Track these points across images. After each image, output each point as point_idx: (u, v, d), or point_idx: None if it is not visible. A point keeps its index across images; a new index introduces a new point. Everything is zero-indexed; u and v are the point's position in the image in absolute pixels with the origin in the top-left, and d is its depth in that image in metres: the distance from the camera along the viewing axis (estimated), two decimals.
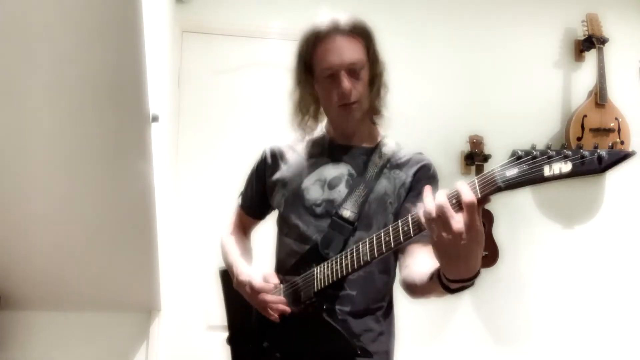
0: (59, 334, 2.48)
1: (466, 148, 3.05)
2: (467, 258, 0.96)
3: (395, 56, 3.14)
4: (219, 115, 2.92)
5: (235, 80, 2.94)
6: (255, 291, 1.34)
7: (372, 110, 1.44)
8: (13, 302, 2.36)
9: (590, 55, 3.24)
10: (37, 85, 1.46)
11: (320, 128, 1.50)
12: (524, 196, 3.16)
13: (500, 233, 3.05)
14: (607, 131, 3.09)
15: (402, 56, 3.14)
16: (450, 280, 1.02)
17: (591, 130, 3.09)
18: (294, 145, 1.50)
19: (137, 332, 2.56)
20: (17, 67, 1.40)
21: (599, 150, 0.90)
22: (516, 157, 0.94)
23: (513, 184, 0.94)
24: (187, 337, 2.73)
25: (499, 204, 3.07)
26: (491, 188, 0.96)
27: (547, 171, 0.91)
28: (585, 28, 3.20)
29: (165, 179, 2.57)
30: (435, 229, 0.96)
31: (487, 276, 3.06)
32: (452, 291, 1.05)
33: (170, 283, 2.70)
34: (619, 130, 3.11)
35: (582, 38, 3.23)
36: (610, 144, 0.89)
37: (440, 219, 0.95)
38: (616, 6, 3.33)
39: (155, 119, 1.73)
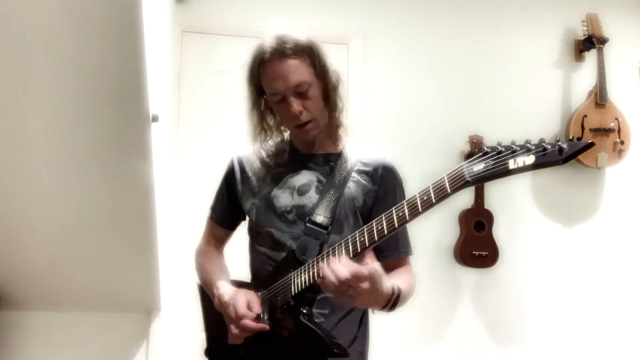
0: (59, 334, 2.47)
1: (466, 148, 3.05)
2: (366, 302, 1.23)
3: (395, 57, 3.17)
4: (219, 115, 2.92)
5: (235, 80, 2.91)
6: (238, 317, 1.32)
7: (332, 123, 1.45)
8: (13, 302, 2.36)
9: (590, 55, 3.24)
10: (37, 86, 1.46)
11: (286, 136, 1.52)
12: (524, 196, 3.16)
13: (500, 233, 3.05)
14: (607, 131, 3.09)
15: (402, 57, 3.15)
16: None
17: (591, 130, 3.09)
18: (260, 154, 1.51)
19: (137, 332, 2.55)
20: (17, 68, 1.40)
21: (559, 143, 0.97)
22: (483, 153, 1.02)
23: (480, 178, 1.02)
24: (187, 337, 2.73)
25: (499, 204, 3.07)
26: (460, 183, 1.04)
27: (511, 164, 0.99)
28: (585, 28, 3.20)
29: (165, 179, 2.56)
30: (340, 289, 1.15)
31: (486, 276, 3.07)
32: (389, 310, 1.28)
33: (170, 283, 2.70)
34: (619, 130, 3.11)
35: (582, 38, 3.23)
36: (571, 137, 1.00)
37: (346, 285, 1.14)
38: (616, 6, 3.33)
39: (155, 119, 1.73)
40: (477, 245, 3.00)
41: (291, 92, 1.35)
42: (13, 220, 1.93)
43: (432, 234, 3.03)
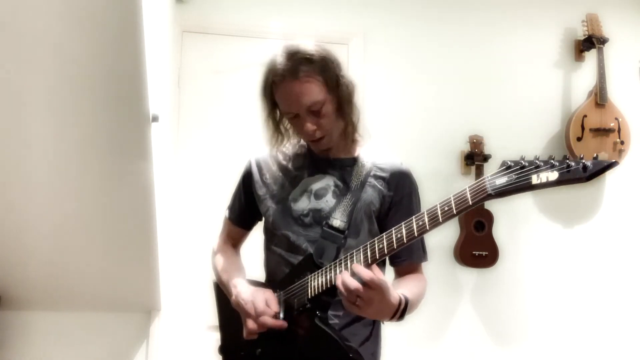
0: (59, 334, 2.47)
1: (466, 148, 3.05)
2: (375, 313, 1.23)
3: (395, 57, 3.18)
4: (219, 115, 2.93)
5: (235, 80, 2.93)
6: (257, 313, 1.34)
7: (347, 130, 1.45)
8: (13, 302, 2.36)
9: (590, 55, 3.24)
10: (37, 86, 1.46)
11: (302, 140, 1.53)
12: (524, 196, 3.15)
13: (500, 233, 3.05)
14: (607, 131, 3.09)
15: (402, 57, 3.15)
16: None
17: (591, 130, 3.09)
18: (277, 156, 1.53)
19: (137, 332, 2.55)
20: (17, 68, 1.40)
21: (584, 160, 0.98)
22: (506, 167, 1.03)
23: (502, 192, 1.03)
24: (187, 337, 2.73)
25: (499, 204, 3.07)
26: (482, 195, 1.05)
27: (534, 179, 0.99)
28: (585, 28, 3.20)
29: (165, 179, 2.57)
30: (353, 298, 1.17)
31: (487, 276, 3.07)
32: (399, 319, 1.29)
33: (170, 283, 2.70)
34: (619, 130, 3.11)
35: (582, 38, 3.23)
36: (595, 155, 0.97)
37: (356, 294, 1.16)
38: (616, 6, 3.33)
39: (155, 119, 1.73)
40: (477, 245, 3.00)
41: (304, 111, 1.36)
42: (13, 220, 1.93)
43: (432, 234, 2.98)
